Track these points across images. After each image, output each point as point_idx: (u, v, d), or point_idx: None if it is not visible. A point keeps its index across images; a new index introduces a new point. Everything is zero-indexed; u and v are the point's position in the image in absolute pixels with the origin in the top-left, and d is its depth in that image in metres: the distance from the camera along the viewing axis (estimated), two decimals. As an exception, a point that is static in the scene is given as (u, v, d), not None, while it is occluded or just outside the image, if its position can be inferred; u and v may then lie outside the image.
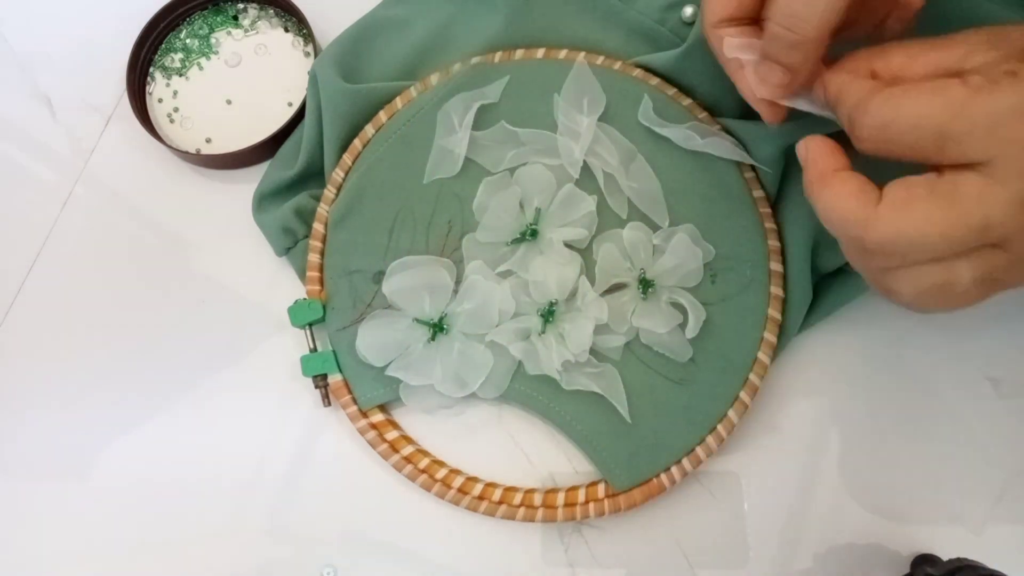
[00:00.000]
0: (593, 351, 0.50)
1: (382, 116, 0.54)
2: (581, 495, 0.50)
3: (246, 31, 0.61)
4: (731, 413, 0.50)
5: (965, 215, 0.33)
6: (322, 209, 0.54)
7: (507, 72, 0.53)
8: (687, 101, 0.53)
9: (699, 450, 0.50)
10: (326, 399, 0.53)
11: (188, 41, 0.61)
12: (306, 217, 0.54)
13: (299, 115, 0.57)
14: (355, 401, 0.52)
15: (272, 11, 0.61)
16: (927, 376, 0.53)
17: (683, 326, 0.50)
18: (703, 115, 0.53)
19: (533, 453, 0.53)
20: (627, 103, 0.53)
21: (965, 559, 0.48)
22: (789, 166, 0.52)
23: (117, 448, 0.54)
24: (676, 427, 0.50)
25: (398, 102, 0.54)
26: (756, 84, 0.41)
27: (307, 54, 0.60)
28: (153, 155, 0.59)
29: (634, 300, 0.51)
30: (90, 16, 0.62)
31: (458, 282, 0.52)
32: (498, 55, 0.54)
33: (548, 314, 0.50)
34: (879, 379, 0.53)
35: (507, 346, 0.50)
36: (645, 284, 0.50)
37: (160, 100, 0.60)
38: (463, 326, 0.51)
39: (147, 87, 0.60)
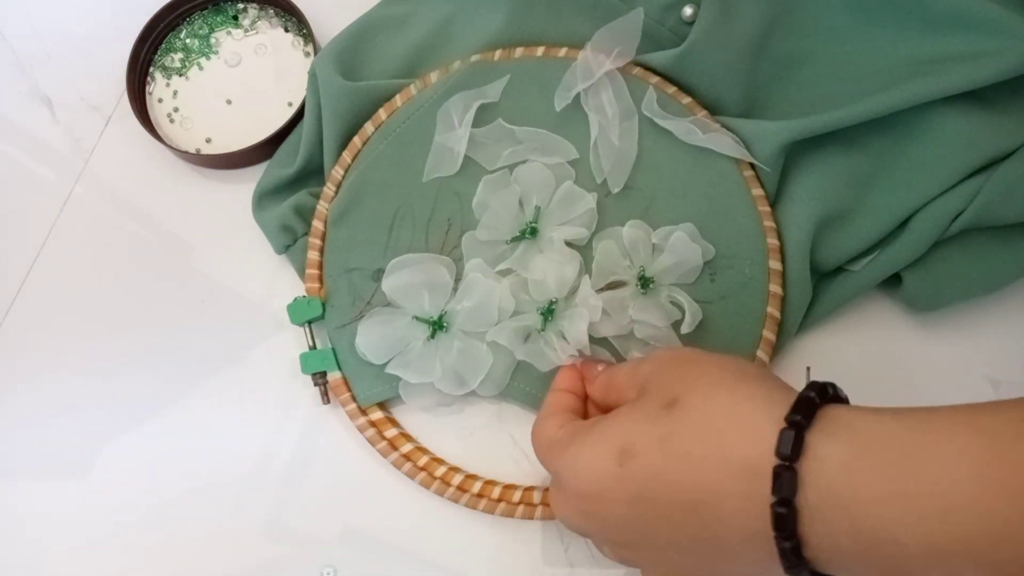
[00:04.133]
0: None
1: (382, 114, 0.54)
2: (581, 493, 0.50)
3: (246, 31, 0.61)
4: (731, 411, 0.50)
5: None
6: (321, 207, 0.54)
7: (507, 71, 0.54)
8: (687, 99, 0.53)
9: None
10: (325, 397, 0.53)
11: (188, 41, 0.61)
12: (305, 215, 0.54)
13: (299, 115, 0.57)
14: (354, 399, 0.52)
15: (272, 11, 0.61)
16: (927, 377, 0.53)
17: (679, 324, 0.50)
18: (702, 113, 0.53)
19: (532, 452, 0.52)
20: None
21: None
22: (788, 165, 0.52)
23: (117, 448, 0.54)
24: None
25: (398, 100, 0.54)
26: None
27: (307, 54, 0.60)
28: (153, 155, 0.59)
29: (634, 296, 0.51)
30: (90, 16, 0.62)
31: (458, 280, 0.52)
32: (498, 53, 0.54)
33: (548, 312, 0.50)
34: (879, 379, 0.53)
35: (512, 350, 0.51)
36: (645, 281, 0.50)
37: (160, 100, 0.60)
38: (463, 324, 0.51)
39: (147, 87, 0.60)
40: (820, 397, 0.35)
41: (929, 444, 0.32)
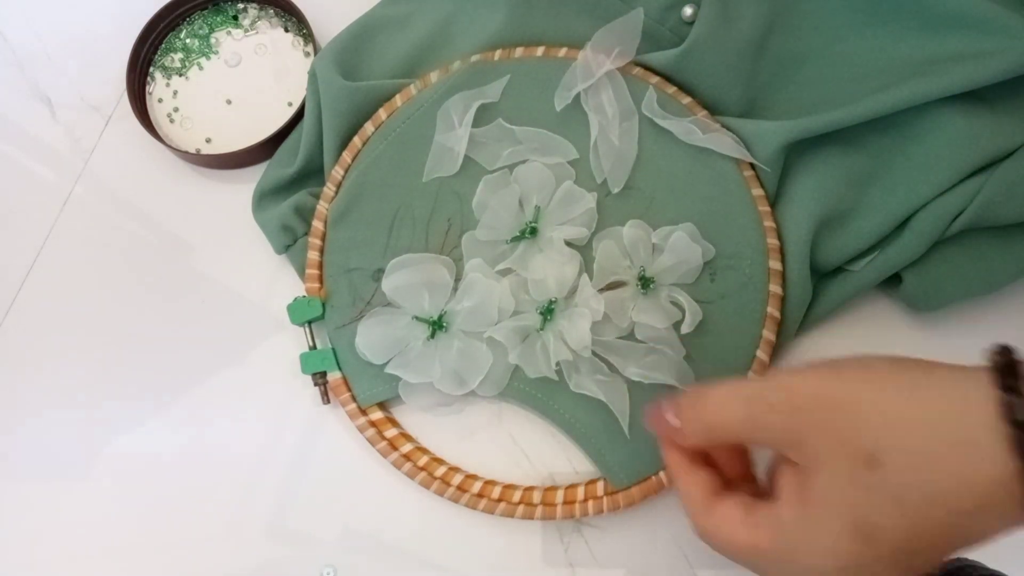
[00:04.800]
0: (601, 357, 0.50)
1: (382, 114, 0.54)
2: (580, 493, 0.50)
3: (246, 31, 0.61)
4: (731, 411, 0.50)
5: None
6: (322, 207, 0.54)
7: (507, 71, 0.54)
8: (687, 99, 0.53)
9: (699, 448, 0.50)
10: (325, 397, 0.53)
11: (188, 41, 0.61)
12: (305, 215, 0.54)
13: (299, 115, 0.57)
14: (354, 399, 0.52)
15: (272, 11, 0.61)
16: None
17: (679, 324, 0.50)
18: (702, 113, 0.53)
19: (532, 452, 0.52)
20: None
21: (965, 559, 0.48)
22: (788, 165, 0.52)
23: (117, 448, 0.54)
24: (676, 425, 0.50)
25: (398, 100, 0.54)
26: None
27: (307, 54, 0.60)
28: (153, 155, 0.59)
29: (634, 297, 0.51)
30: (90, 16, 0.62)
31: (457, 280, 0.52)
32: (498, 53, 0.54)
33: (547, 312, 0.50)
34: (879, 379, 0.53)
35: (505, 349, 0.50)
36: (645, 281, 0.50)
37: (160, 100, 0.60)
38: (462, 324, 0.51)
39: (147, 87, 0.60)
40: (1013, 374, 0.34)
41: None
